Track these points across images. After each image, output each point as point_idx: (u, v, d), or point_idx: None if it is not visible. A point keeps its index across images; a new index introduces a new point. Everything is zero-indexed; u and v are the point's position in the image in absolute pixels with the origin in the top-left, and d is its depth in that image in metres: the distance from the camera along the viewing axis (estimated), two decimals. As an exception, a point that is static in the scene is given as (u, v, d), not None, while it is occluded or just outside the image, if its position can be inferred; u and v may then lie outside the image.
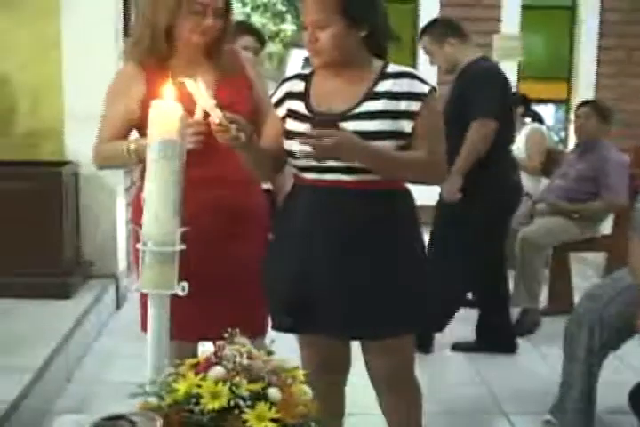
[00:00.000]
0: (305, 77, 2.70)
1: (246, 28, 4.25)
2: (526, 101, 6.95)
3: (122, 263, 5.40)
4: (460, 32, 4.67)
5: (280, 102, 2.69)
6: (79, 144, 5.11)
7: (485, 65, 4.60)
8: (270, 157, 2.66)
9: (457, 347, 4.83)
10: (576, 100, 8.47)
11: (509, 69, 8.43)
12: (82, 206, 5.13)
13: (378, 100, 2.55)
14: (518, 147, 6.61)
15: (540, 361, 4.64)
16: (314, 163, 2.53)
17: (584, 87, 8.58)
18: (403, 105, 2.55)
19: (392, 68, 2.63)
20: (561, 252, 5.52)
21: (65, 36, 5.12)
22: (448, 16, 5.80)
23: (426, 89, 2.58)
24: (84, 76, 5.12)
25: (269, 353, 1.88)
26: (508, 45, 8.31)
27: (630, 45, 8.58)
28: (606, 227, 5.73)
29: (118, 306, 5.35)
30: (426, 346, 4.63)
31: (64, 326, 4.34)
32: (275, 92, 2.73)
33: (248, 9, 16.45)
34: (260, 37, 4.16)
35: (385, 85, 2.57)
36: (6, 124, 5.20)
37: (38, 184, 4.76)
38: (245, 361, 1.79)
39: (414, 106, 2.55)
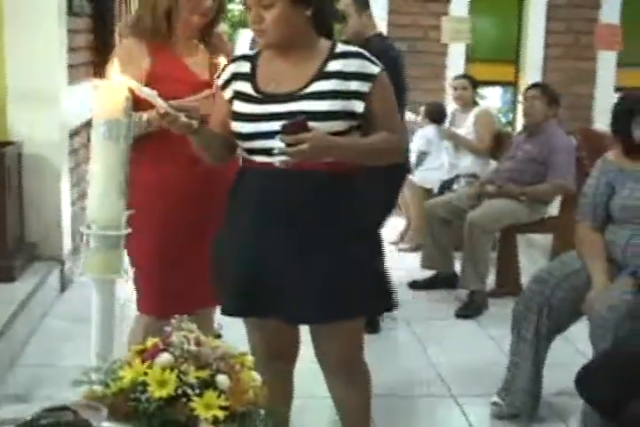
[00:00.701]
0: (251, 58, 2.65)
1: None
2: (474, 84, 6.93)
3: (67, 245, 5.30)
4: (370, 7, 4.74)
5: (227, 84, 2.64)
6: (22, 123, 5.02)
7: (380, 45, 4.49)
8: (221, 140, 2.62)
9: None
10: (523, 82, 8.50)
11: (458, 51, 8.45)
12: (25, 187, 5.01)
13: (328, 80, 2.53)
14: (467, 128, 6.62)
15: (488, 343, 4.65)
16: (263, 145, 2.50)
17: (531, 70, 8.59)
18: (353, 85, 2.53)
19: (341, 47, 2.60)
20: (508, 234, 5.54)
21: (6, 11, 4.98)
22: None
23: (376, 70, 2.56)
24: (26, 53, 5.00)
25: (217, 336, 1.85)
26: (457, 27, 8.29)
27: (577, 29, 8.62)
28: (553, 209, 5.77)
29: (63, 289, 5.25)
30: (373, 326, 4.62)
31: (7, 310, 4.26)
32: (220, 74, 2.68)
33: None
34: None
35: (335, 65, 2.55)
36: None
37: (-20, 165, 4.65)
38: (193, 348, 1.75)
39: (365, 86, 2.53)
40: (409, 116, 7.03)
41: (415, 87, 8.29)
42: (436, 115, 6.92)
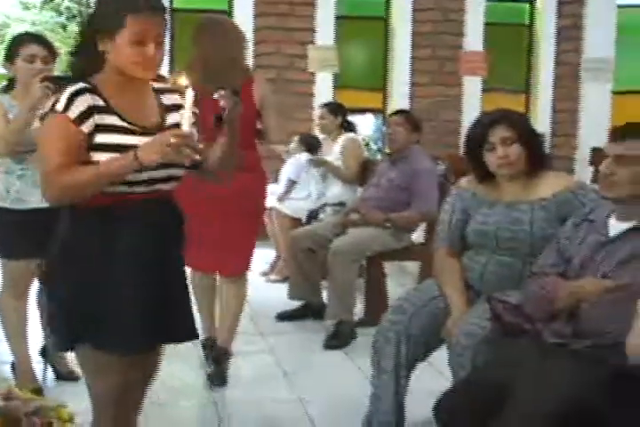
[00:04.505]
0: (92, 90, 2.56)
1: (33, 37, 4.08)
2: (343, 111, 6.93)
3: None
4: None
5: (85, 117, 2.52)
6: None
7: None
8: None
9: None
10: (391, 109, 8.57)
11: (325, 80, 8.47)
12: None
13: (172, 112, 2.68)
14: (335, 155, 6.61)
15: (355, 374, 4.58)
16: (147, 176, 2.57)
17: (399, 97, 8.69)
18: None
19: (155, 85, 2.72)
20: (374, 262, 5.50)
21: None
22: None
23: None
24: None
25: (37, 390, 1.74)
26: (323, 56, 8.32)
27: (442, 56, 8.75)
28: (421, 235, 5.78)
29: None
30: None
31: None
32: (67, 107, 2.52)
33: (63, 19, 15.97)
34: (49, 47, 3.99)
35: (166, 99, 2.70)
36: None
37: None
38: (1, 402, 1.63)
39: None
40: (278, 147, 7.01)
41: (285, 116, 8.34)
42: (310, 144, 6.90)
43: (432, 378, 4.07)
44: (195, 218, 3.59)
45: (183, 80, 2.56)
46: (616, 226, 2.94)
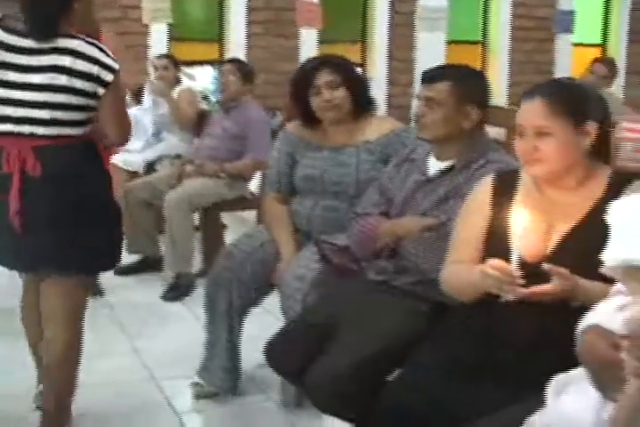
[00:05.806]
0: None
1: None
2: (176, 63, 6.81)
3: None
4: None
5: None
6: None
7: None
8: None
9: None
10: (227, 60, 8.50)
11: (160, 31, 8.30)
12: None
13: None
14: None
15: (193, 324, 4.58)
16: None
17: (235, 48, 8.61)
18: None
19: None
20: (210, 212, 5.49)
21: None
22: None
23: None
24: None
25: None
26: (157, 7, 8.16)
27: (278, 6, 8.72)
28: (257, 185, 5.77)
29: None
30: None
31: None
32: None
33: None
34: None
35: None
36: None
37: None
38: None
39: None
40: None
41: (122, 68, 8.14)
42: (141, 95, 6.76)
43: (268, 323, 4.08)
44: None
45: None
46: (435, 165, 3.02)
